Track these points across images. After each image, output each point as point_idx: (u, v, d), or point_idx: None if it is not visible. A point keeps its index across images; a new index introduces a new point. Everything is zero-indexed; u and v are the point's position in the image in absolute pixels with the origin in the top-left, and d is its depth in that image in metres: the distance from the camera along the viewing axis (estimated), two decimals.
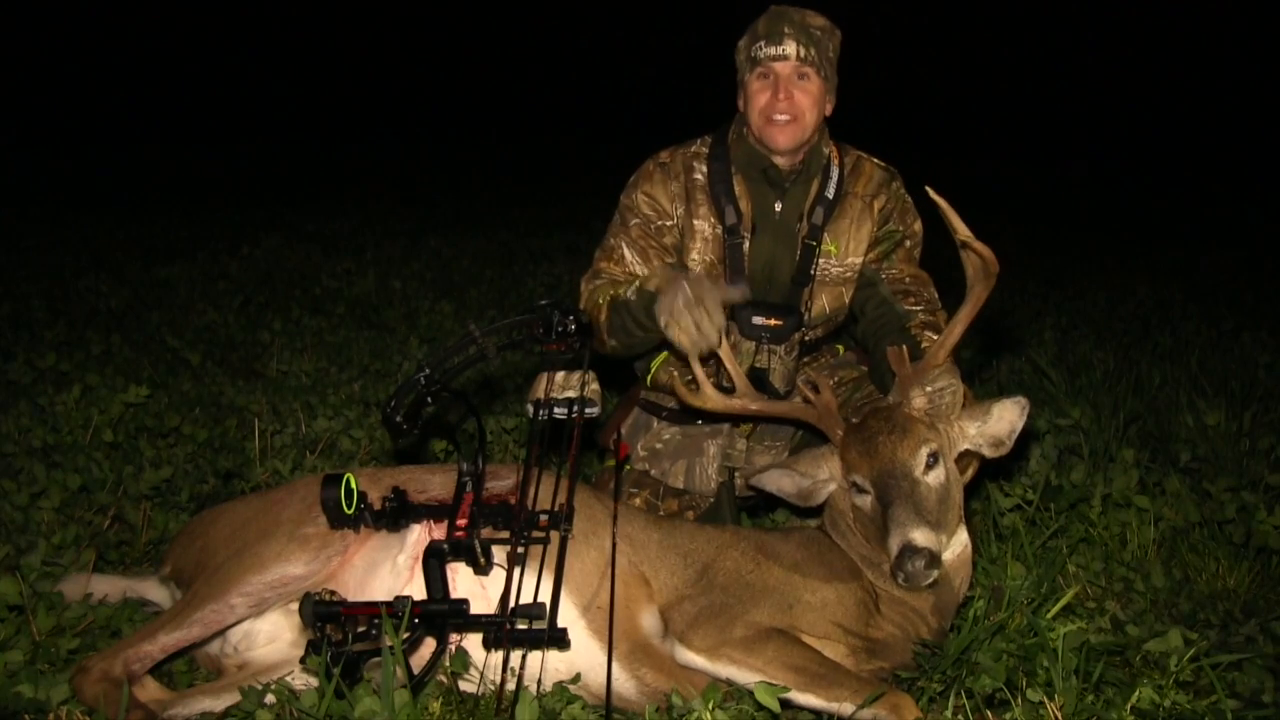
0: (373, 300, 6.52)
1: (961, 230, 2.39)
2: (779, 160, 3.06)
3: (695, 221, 3.11)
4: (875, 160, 3.20)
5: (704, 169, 3.12)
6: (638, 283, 2.95)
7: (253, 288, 6.65)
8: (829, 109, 3.09)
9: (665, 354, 3.24)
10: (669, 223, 3.14)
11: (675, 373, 2.97)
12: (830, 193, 3.09)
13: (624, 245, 3.15)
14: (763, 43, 2.97)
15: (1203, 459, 3.67)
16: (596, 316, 3.00)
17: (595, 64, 25.90)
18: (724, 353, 2.78)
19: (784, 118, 2.97)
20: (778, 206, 3.10)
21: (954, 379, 2.53)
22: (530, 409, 2.37)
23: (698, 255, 3.11)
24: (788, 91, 2.96)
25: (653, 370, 3.24)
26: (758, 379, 3.07)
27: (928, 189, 2.39)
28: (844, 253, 3.11)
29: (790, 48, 2.94)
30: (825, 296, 3.14)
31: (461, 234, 9.23)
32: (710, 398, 2.71)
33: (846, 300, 3.16)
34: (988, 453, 2.50)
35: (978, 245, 2.38)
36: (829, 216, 3.09)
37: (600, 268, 3.15)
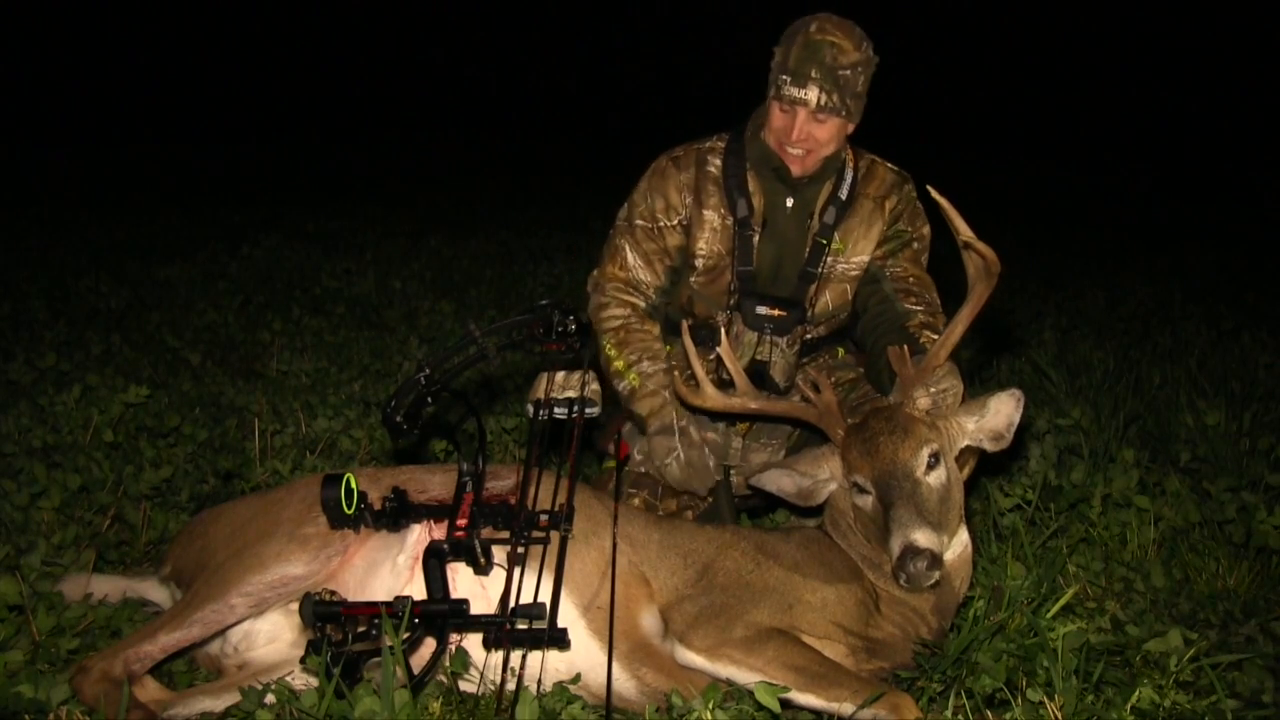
0: (373, 300, 6.51)
1: (964, 230, 2.38)
2: (793, 166, 3.07)
3: (705, 212, 3.13)
4: (889, 165, 3.22)
5: (718, 163, 3.15)
6: (634, 381, 3.06)
7: (253, 288, 6.65)
8: (851, 129, 3.07)
9: None
10: (674, 221, 3.16)
11: (676, 371, 2.97)
12: (844, 194, 3.11)
13: (628, 248, 3.19)
14: (788, 79, 2.91)
15: (1203, 459, 3.67)
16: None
17: (596, 64, 25.91)
18: (724, 351, 2.78)
19: (798, 151, 2.99)
20: (789, 203, 3.11)
21: (956, 380, 2.53)
22: (530, 409, 2.37)
23: (705, 245, 3.13)
24: (804, 131, 2.95)
25: None
26: (758, 372, 3.08)
27: (929, 188, 2.38)
28: (852, 250, 3.13)
29: (812, 94, 2.89)
30: (830, 293, 3.15)
31: (461, 234, 9.22)
32: (710, 396, 2.71)
33: (850, 297, 3.18)
34: (989, 447, 2.50)
35: (980, 245, 2.38)
36: (841, 216, 3.11)
37: (608, 272, 3.20)
